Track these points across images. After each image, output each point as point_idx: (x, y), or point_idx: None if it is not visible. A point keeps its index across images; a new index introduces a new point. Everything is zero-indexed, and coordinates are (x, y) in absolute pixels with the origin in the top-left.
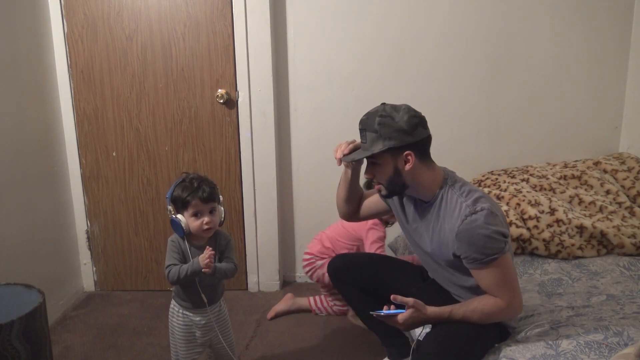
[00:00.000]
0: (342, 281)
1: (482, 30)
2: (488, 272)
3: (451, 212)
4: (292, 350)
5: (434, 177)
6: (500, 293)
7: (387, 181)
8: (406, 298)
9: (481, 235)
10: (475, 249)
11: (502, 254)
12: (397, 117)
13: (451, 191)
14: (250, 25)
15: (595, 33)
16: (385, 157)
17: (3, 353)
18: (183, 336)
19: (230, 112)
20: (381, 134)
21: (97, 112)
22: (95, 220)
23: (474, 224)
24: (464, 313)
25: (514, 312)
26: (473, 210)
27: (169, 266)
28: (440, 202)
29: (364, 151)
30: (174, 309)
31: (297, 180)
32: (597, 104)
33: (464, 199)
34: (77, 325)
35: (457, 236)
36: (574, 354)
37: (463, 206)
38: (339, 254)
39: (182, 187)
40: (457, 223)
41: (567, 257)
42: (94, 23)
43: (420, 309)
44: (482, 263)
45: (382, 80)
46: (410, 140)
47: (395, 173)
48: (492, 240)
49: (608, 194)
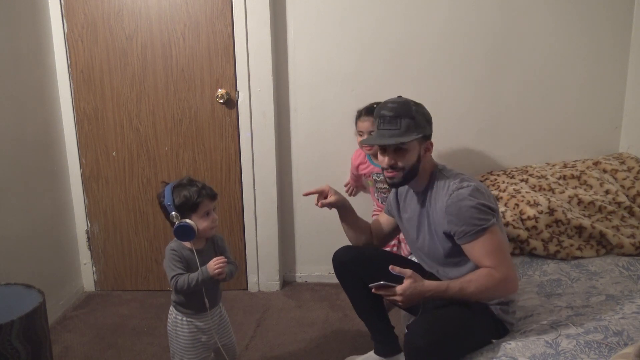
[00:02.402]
0: (346, 275)
1: (482, 30)
2: (478, 244)
3: (441, 192)
4: (292, 350)
5: (431, 167)
6: (494, 263)
7: (410, 167)
8: (404, 269)
9: (467, 206)
10: (463, 220)
11: (489, 225)
12: (422, 108)
13: (440, 176)
14: (250, 25)
15: (595, 32)
16: (414, 143)
17: (3, 353)
18: (190, 344)
19: (230, 112)
20: (417, 121)
21: (97, 112)
22: (95, 220)
23: (460, 196)
24: (461, 284)
25: (510, 285)
26: (460, 186)
27: (175, 276)
28: (432, 188)
29: (400, 136)
30: (177, 318)
31: (297, 180)
32: (597, 104)
33: (452, 179)
34: (77, 325)
35: (446, 210)
36: (573, 353)
37: (450, 184)
38: (343, 247)
39: (185, 191)
40: (445, 199)
41: (566, 258)
42: (94, 23)
43: (418, 280)
44: (471, 235)
45: (382, 80)
46: (431, 131)
47: (417, 160)
48: (478, 211)
49: (607, 194)
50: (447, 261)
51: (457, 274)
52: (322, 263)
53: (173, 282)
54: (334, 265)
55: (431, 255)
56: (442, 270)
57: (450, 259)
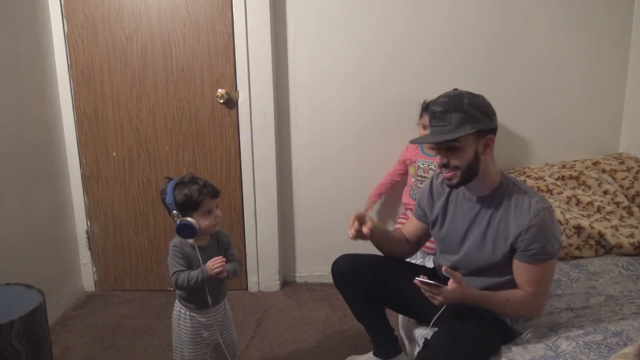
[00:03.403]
0: (346, 286)
1: (482, 30)
2: (534, 269)
3: (520, 205)
4: (292, 350)
5: (496, 170)
6: (538, 291)
7: (466, 166)
8: (454, 272)
9: (550, 231)
10: (539, 242)
11: (556, 257)
12: (480, 100)
13: (515, 186)
14: (250, 25)
15: (595, 33)
16: (468, 139)
17: (3, 353)
18: (191, 338)
19: (230, 112)
20: (470, 115)
21: (97, 112)
22: (95, 220)
23: (547, 219)
24: (499, 301)
25: (537, 311)
26: (544, 206)
27: (176, 273)
28: (503, 196)
29: (449, 133)
30: (181, 312)
31: (297, 180)
32: (597, 104)
33: (531, 195)
34: (77, 325)
35: (528, 228)
36: (573, 354)
37: (533, 202)
38: (343, 255)
39: (186, 189)
40: (530, 216)
41: (565, 258)
42: (94, 23)
43: (464, 286)
44: (535, 259)
45: (382, 80)
46: (492, 125)
47: (475, 158)
48: (554, 239)
49: (606, 194)
50: (483, 270)
51: (479, 284)
52: (322, 263)
53: (173, 279)
54: (333, 276)
55: (467, 260)
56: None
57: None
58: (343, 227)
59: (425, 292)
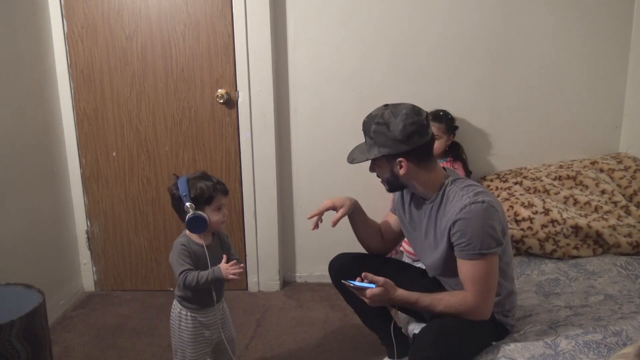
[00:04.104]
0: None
1: (482, 30)
2: (469, 265)
3: (452, 204)
4: (292, 350)
5: (433, 178)
6: (474, 290)
7: (386, 180)
8: (377, 277)
9: (477, 225)
10: (467, 237)
11: (489, 253)
12: (393, 125)
13: (453, 187)
14: (250, 25)
15: (595, 33)
16: (381, 160)
17: (3, 353)
18: (193, 338)
19: (230, 112)
20: (376, 141)
21: (97, 112)
22: (95, 220)
23: (472, 213)
24: (431, 300)
25: (479, 315)
26: (474, 201)
27: (184, 272)
28: (441, 198)
29: (363, 154)
30: (182, 313)
31: (297, 180)
32: (597, 104)
33: (465, 192)
34: (77, 325)
35: (454, 223)
36: (572, 353)
37: (464, 197)
38: (340, 254)
39: (201, 183)
40: (456, 211)
41: (563, 257)
42: (94, 23)
43: (389, 289)
44: (468, 254)
45: (382, 80)
46: (405, 148)
47: (392, 175)
48: (485, 235)
49: (603, 193)
50: (445, 270)
51: (456, 283)
52: (322, 263)
53: (182, 278)
54: (330, 274)
55: (431, 261)
56: (442, 278)
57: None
58: (343, 227)
59: (356, 294)
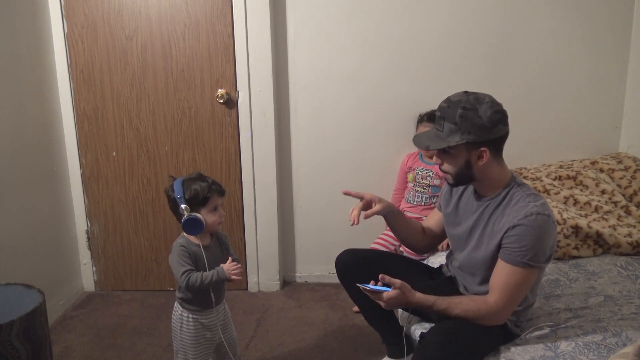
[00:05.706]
0: (349, 278)
1: (482, 30)
2: (511, 270)
3: (515, 207)
4: (292, 350)
5: (502, 175)
6: (501, 296)
7: (456, 172)
8: (393, 279)
9: (536, 236)
10: (522, 245)
11: (533, 267)
12: (480, 111)
13: (519, 191)
14: (250, 26)
15: (595, 32)
16: (460, 149)
17: (3, 353)
18: (195, 340)
19: (230, 112)
20: (461, 127)
21: (97, 112)
22: (95, 220)
23: (537, 223)
24: (448, 305)
25: (495, 321)
26: (541, 211)
27: (186, 272)
28: (504, 199)
29: (440, 141)
30: (183, 315)
31: (297, 180)
32: (597, 104)
33: (532, 199)
34: (77, 325)
35: (514, 227)
36: (572, 355)
37: (530, 205)
38: (346, 250)
39: (196, 185)
40: (520, 216)
41: (563, 257)
42: (94, 23)
43: (405, 292)
44: (513, 260)
45: (382, 80)
46: (489, 137)
47: (467, 165)
48: (539, 248)
49: (603, 193)
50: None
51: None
52: (322, 263)
53: (184, 279)
54: (337, 269)
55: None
56: (464, 274)
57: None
58: (343, 227)
59: (371, 297)
